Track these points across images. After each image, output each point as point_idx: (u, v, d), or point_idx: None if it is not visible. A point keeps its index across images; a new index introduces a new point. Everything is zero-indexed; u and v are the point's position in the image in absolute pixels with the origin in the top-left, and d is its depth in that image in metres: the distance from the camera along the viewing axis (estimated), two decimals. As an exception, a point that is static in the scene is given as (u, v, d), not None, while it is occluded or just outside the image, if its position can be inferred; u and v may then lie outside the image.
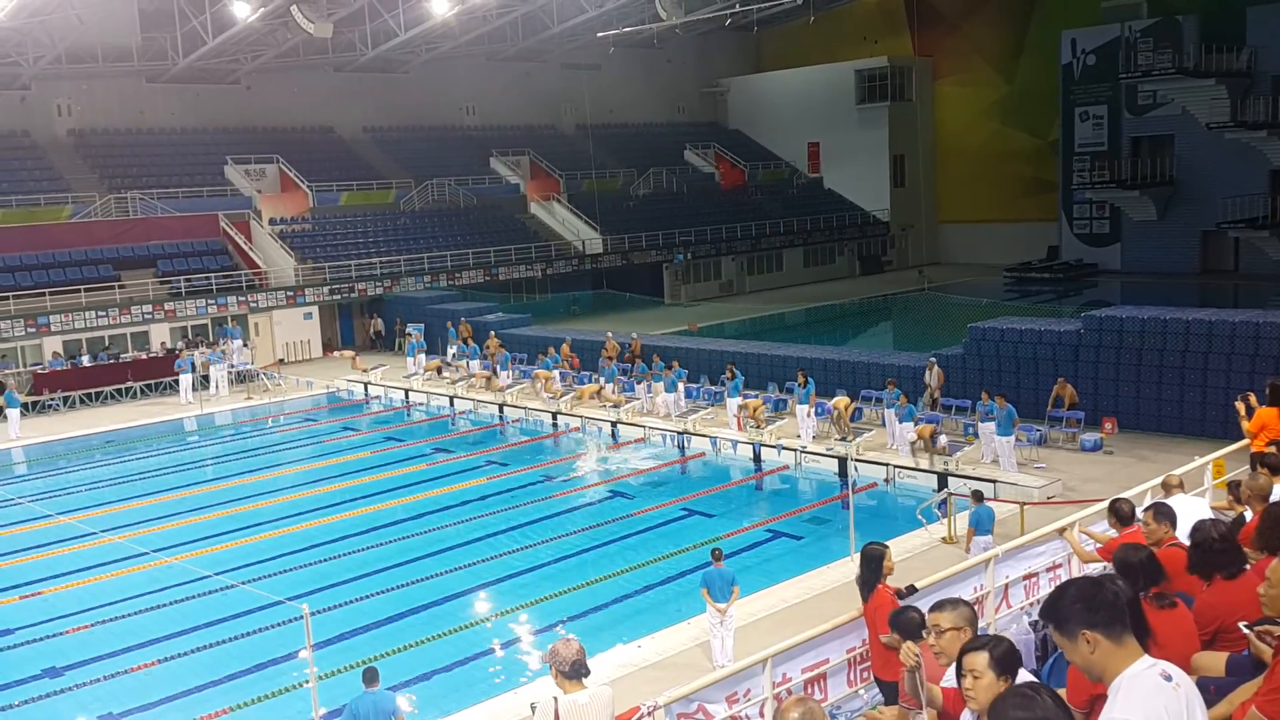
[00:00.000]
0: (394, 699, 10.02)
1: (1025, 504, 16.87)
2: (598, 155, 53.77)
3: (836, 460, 21.10)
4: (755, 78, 64.20)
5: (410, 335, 35.62)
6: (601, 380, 27.60)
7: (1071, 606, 3.65)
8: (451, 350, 33.60)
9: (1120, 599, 3.70)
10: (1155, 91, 48.07)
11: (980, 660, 4.18)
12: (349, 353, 35.07)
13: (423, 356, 32.90)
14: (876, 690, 8.09)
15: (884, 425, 22.18)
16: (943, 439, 20.08)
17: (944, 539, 16.39)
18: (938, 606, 5.67)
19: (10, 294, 33.87)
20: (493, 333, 33.15)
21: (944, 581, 8.84)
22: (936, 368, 23.84)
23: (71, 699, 13.14)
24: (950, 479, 18.96)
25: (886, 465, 20.50)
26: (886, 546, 8.12)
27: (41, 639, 14.98)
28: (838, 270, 56.35)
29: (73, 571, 17.51)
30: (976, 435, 20.26)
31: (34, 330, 33.44)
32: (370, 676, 9.91)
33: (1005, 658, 4.19)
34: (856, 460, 20.66)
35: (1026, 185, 55.56)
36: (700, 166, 59.94)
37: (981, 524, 14.83)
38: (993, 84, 57.28)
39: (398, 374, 32.94)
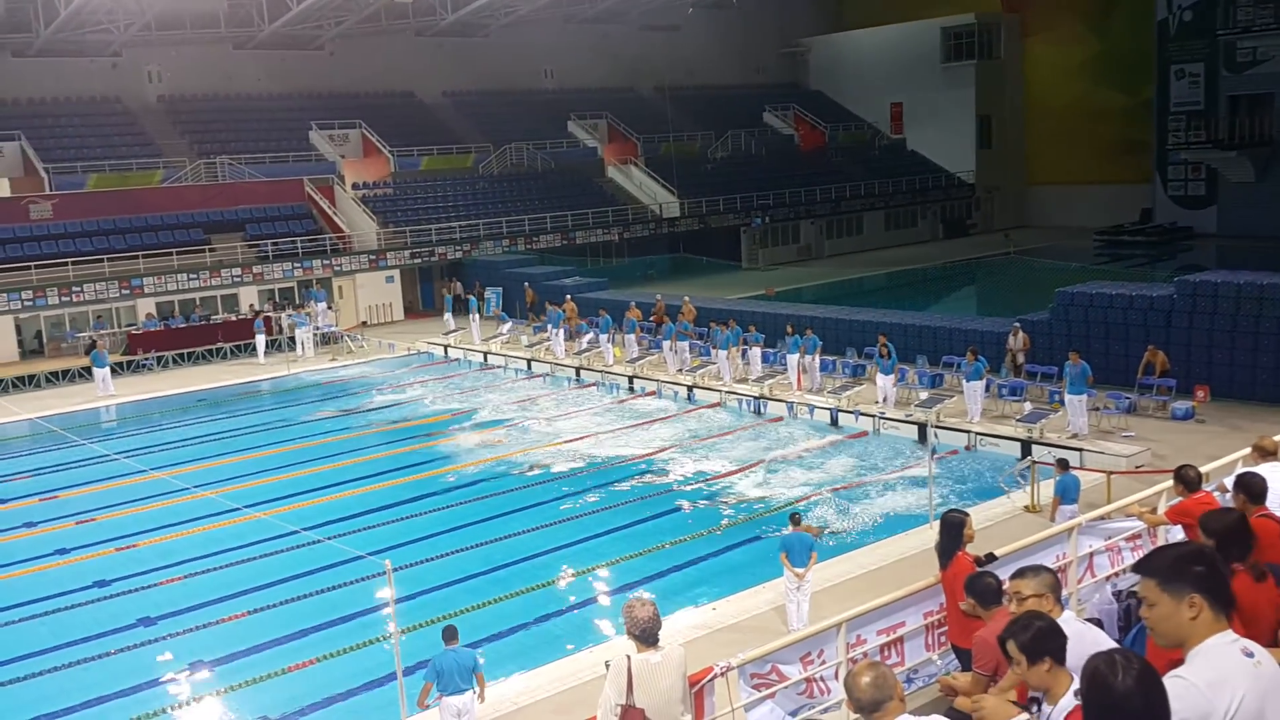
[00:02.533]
0: (474, 655, 10.21)
1: (1112, 473, 16.49)
2: (675, 118, 53.45)
3: (916, 426, 20.84)
4: (837, 37, 63.09)
5: (465, 296, 35.93)
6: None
7: (1189, 568, 3.59)
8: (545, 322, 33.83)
9: (1227, 572, 3.67)
10: (1255, 48, 46.17)
11: (1011, 647, 4.19)
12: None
13: (505, 327, 33.15)
14: (953, 657, 8.01)
15: (968, 381, 21.78)
16: (1027, 406, 19.72)
17: (1027, 507, 16.11)
18: (1019, 574, 5.60)
19: (105, 256, 34.91)
20: (569, 297, 33.28)
21: (1025, 550, 8.71)
22: (1021, 333, 23.36)
23: (165, 647, 13.62)
24: (1034, 447, 18.61)
25: (968, 432, 20.19)
26: (967, 514, 8.00)
27: (136, 590, 15.53)
28: (920, 234, 55.37)
29: (165, 525, 18.10)
30: (1062, 402, 19.83)
31: (128, 292, 34.48)
32: (450, 634, 10.10)
33: (1030, 643, 4.15)
34: (937, 426, 20.37)
35: (1118, 146, 53.91)
36: (779, 128, 59.22)
37: (1068, 492, 14.52)
38: (1084, 41, 55.51)
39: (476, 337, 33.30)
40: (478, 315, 33.95)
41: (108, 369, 29.10)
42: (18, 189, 37.41)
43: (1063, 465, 15.15)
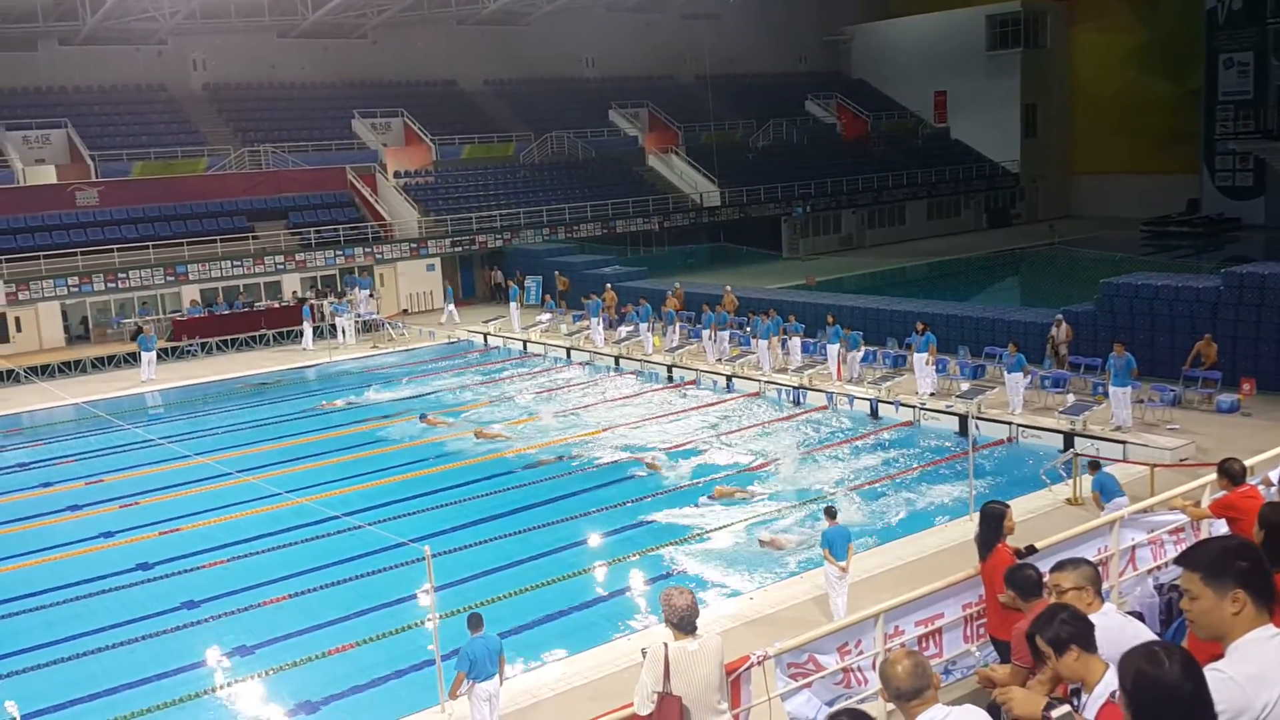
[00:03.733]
0: (499, 640, 10.29)
1: (1155, 466, 16.26)
2: (717, 107, 53.23)
3: (957, 418, 20.66)
4: (880, 25, 62.56)
5: (513, 283, 36.04)
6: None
7: (1233, 562, 3.54)
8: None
9: (1271, 567, 3.62)
10: (1308, 36, 45.25)
11: (1039, 642, 4.18)
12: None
13: (545, 316, 33.24)
14: (992, 649, 7.95)
15: (1010, 373, 21.54)
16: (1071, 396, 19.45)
17: (1069, 500, 15.93)
18: (1059, 566, 5.54)
19: (150, 244, 35.38)
20: (609, 286, 33.30)
21: (1066, 542, 8.62)
22: (1065, 324, 23.07)
23: (208, 630, 13.81)
24: (1077, 439, 18.39)
25: (1009, 424, 19.99)
26: (1007, 506, 7.93)
27: (180, 573, 15.75)
28: (963, 223, 54.85)
29: (209, 510, 18.34)
30: (1106, 394, 19.58)
31: (173, 279, 34.93)
32: (475, 622, 10.18)
33: (1055, 638, 4.12)
34: (978, 418, 20.17)
35: (1165, 136, 53.03)
36: (821, 117, 58.85)
37: (1106, 490, 14.33)
38: (1131, 29, 54.66)
39: (516, 325, 33.43)
40: (519, 305, 34.05)
41: (154, 352, 29.56)
42: (64, 176, 38.00)
43: (1094, 466, 14.93)
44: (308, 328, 33.23)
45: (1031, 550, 8.00)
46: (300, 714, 11.63)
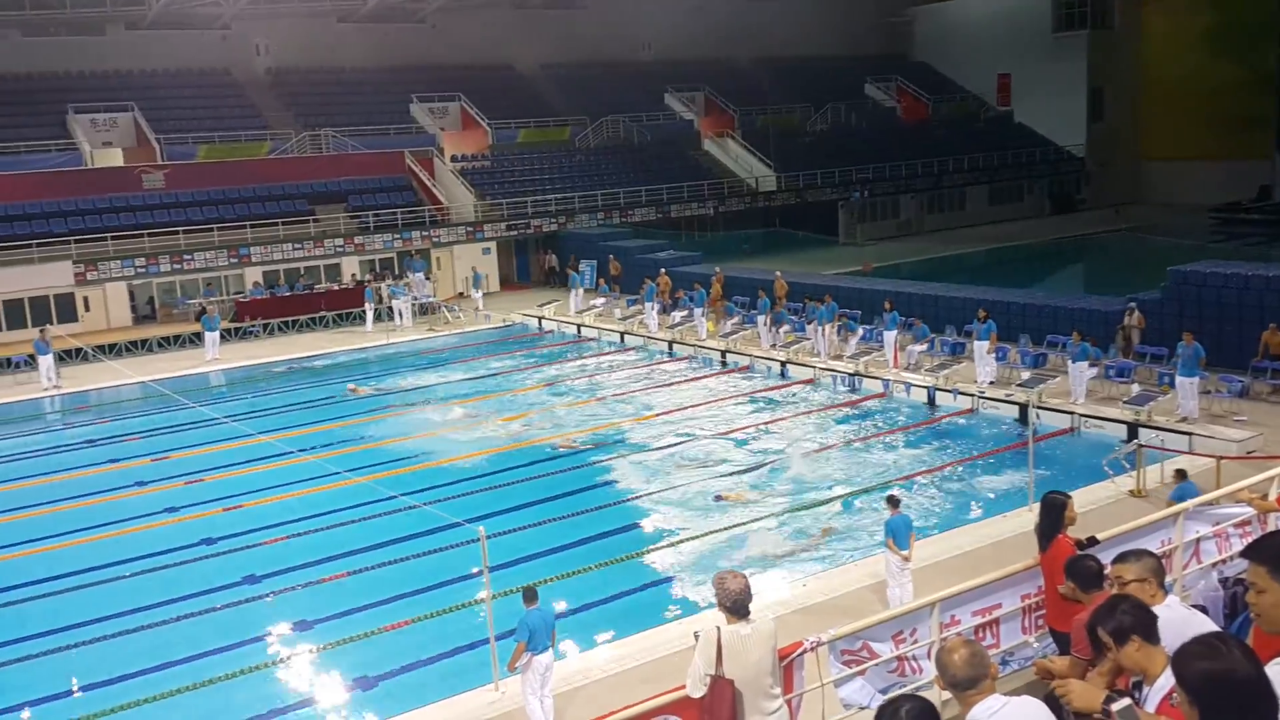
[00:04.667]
0: (553, 614, 10.41)
1: (1222, 458, 15.92)
2: (774, 90, 52.89)
3: (1017, 406, 20.37)
4: (943, 5, 61.65)
5: (576, 269, 36.15)
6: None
7: None
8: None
9: None
10: (1390, 16, 43.81)
11: (1100, 633, 4.15)
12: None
13: (600, 300, 33.33)
14: (1050, 640, 7.84)
15: (1074, 363, 21.19)
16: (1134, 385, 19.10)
17: (1132, 492, 15.65)
18: (1121, 558, 5.46)
19: (215, 225, 35.98)
20: (663, 270, 33.25)
21: (1128, 534, 8.47)
22: (1137, 312, 22.62)
23: (268, 605, 14.07)
24: (1141, 430, 18.06)
25: (1071, 414, 19.67)
26: (1069, 496, 7.80)
27: (242, 549, 16.06)
28: (1026, 209, 53.98)
29: (270, 487, 18.66)
30: (1172, 384, 19.19)
31: (236, 260, 35.52)
32: (530, 595, 10.29)
33: (1116, 630, 4.07)
34: (1039, 407, 19.88)
35: (1238, 120, 51.70)
36: (881, 100, 58.19)
37: (1187, 498, 13.91)
38: (1204, 11, 53.30)
39: (571, 308, 33.53)
40: (580, 290, 34.14)
41: (218, 333, 30.13)
42: (131, 159, 38.76)
43: (1180, 475, 14.38)
44: (369, 310, 33.65)
45: (1093, 542, 7.87)
46: (357, 689, 11.81)
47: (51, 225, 34.44)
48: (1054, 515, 7.73)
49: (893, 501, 12.71)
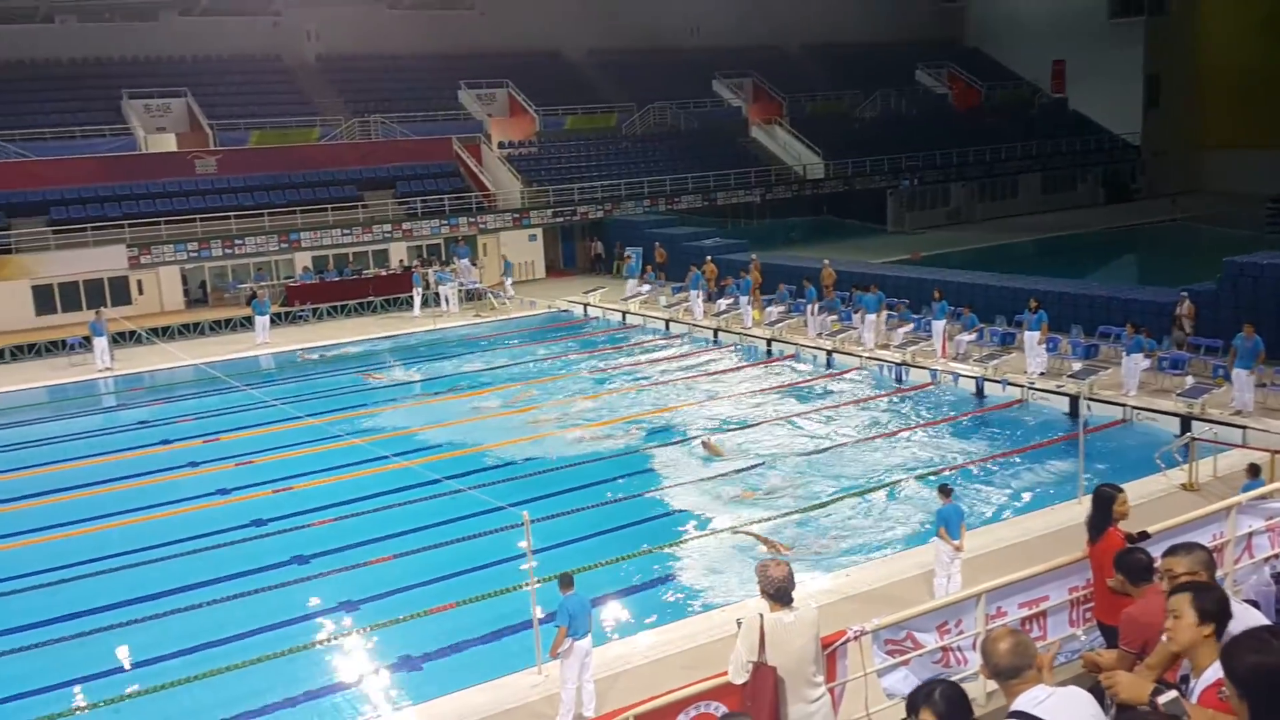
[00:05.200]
0: (589, 600, 10.45)
1: (1276, 452, 15.59)
2: (823, 76, 52.46)
3: (1068, 398, 20.10)
4: (997, -8, 60.82)
5: (628, 258, 36.14)
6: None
7: None
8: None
9: None
10: None
11: (1182, 601, 4.10)
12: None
13: (645, 287, 33.32)
14: (1098, 633, 7.74)
15: (1127, 355, 20.86)
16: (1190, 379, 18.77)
17: (1184, 485, 15.39)
18: (1171, 551, 5.38)
19: (265, 211, 36.39)
20: (709, 258, 33.15)
21: (1180, 527, 8.35)
22: (1188, 302, 22.22)
23: (315, 586, 14.25)
24: (1194, 423, 17.74)
25: (1123, 406, 19.38)
26: (1120, 489, 7.68)
27: (290, 530, 16.27)
28: (1080, 198, 53.15)
29: (319, 470, 18.89)
30: (1227, 377, 18.83)
31: (286, 245, 35.91)
32: (567, 581, 10.33)
33: (1211, 605, 4.03)
34: (1090, 399, 19.60)
35: (1297, 107, 50.52)
36: (932, 87, 57.54)
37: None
38: (1264, -4, 52.11)
39: (616, 296, 33.55)
40: (637, 280, 34.04)
41: (268, 317, 30.52)
42: (184, 144, 39.30)
43: (1253, 471, 14.08)
44: (417, 295, 33.92)
45: (1145, 536, 7.76)
46: (402, 670, 11.93)
47: (106, 209, 35.01)
48: (1104, 508, 7.62)
49: (944, 490, 12.58)
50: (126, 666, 12.31)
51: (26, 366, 29.11)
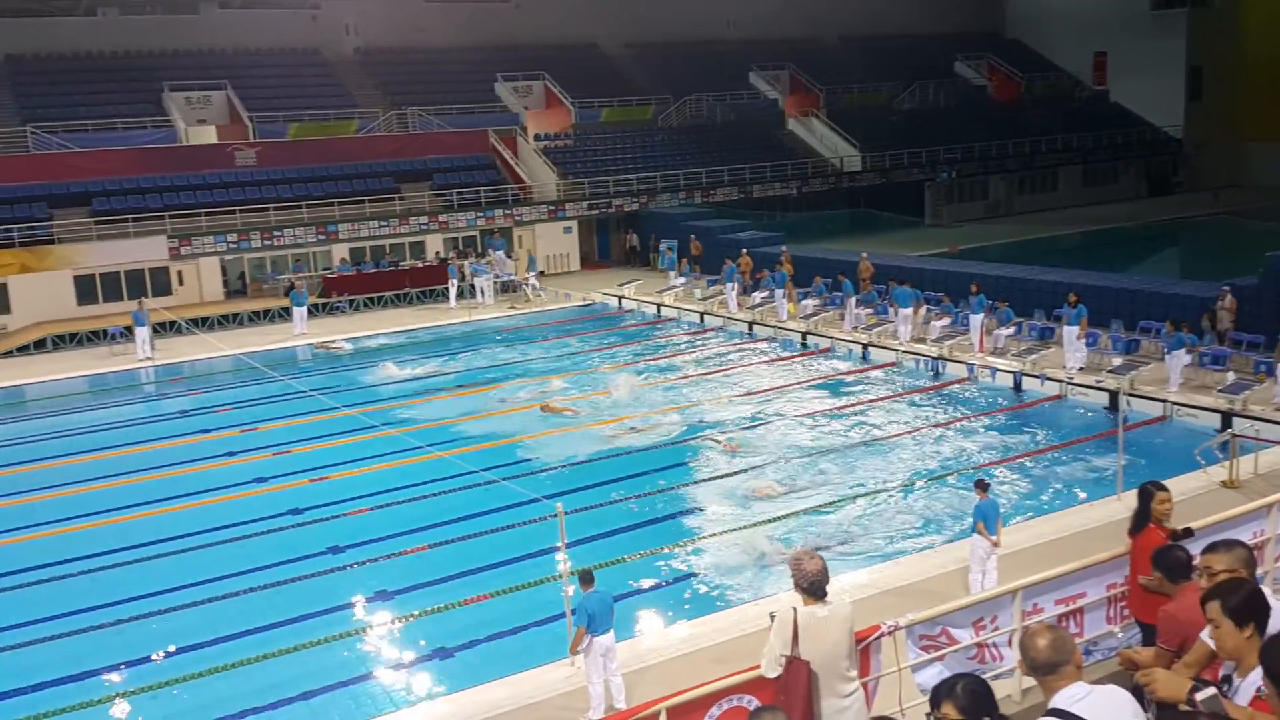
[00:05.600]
0: (611, 596, 10.47)
1: (1322, 450, 15.36)
2: (860, 68, 52.09)
3: (1107, 393, 19.87)
4: (1037, -17, 60.09)
5: (668, 251, 36.10)
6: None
7: None
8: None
9: None
10: None
11: (1214, 609, 4.07)
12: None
13: (680, 280, 33.29)
14: (1136, 631, 7.65)
15: (1163, 360, 20.61)
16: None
17: (1224, 483, 15.18)
18: (1211, 548, 5.31)
19: (304, 203, 36.67)
20: (744, 251, 33.05)
21: (1219, 525, 8.22)
22: (1230, 296, 21.89)
23: (351, 575, 14.37)
24: (1235, 419, 17.48)
25: (1163, 402, 19.13)
26: (1162, 488, 7.58)
27: (326, 519, 16.41)
28: (1121, 191, 52.50)
29: (355, 460, 19.02)
30: (1269, 373, 18.54)
31: (324, 237, 36.18)
32: (587, 578, 10.36)
33: (1240, 605, 3.96)
34: (1130, 395, 19.36)
35: (1346, 100, 49.58)
36: (971, 79, 56.98)
37: None
38: (1312, -15, 51.16)
39: (650, 288, 33.54)
40: (677, 273, 34.00)
41: (305, 308, 30.77)
42: (224, 136, 39.65)
43: None
44: (453, 287, 34.08)
45: (1189, 533, 7.65)
46: (435, 659, 12.01)
47: (147, 201, 35.42)
48: (1144, 504, 7.56)
49: (981, 486, 12.48)
50: (164, 653, 12.46)
51: (68, 356, 29.55)
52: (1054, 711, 3.92)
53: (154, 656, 12.37)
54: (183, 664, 12.08)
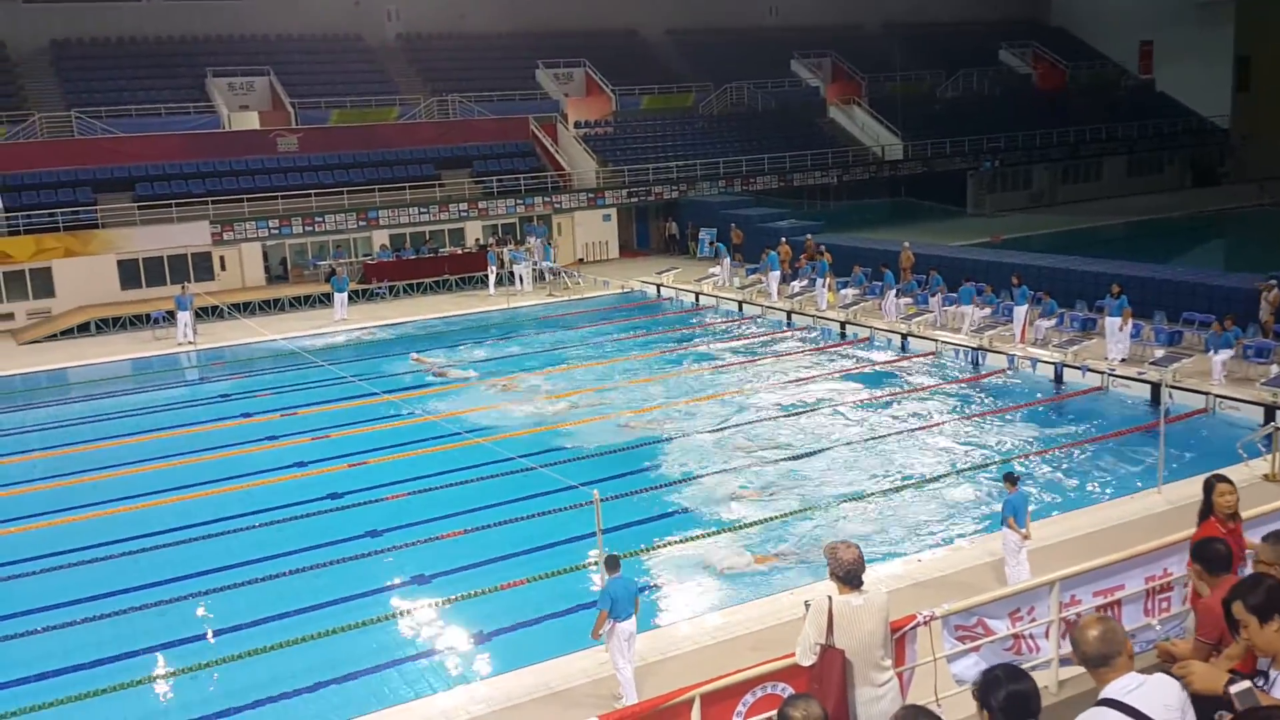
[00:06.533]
0: (635, 583, 10.47)
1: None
2: (903, 56, 51.60)
3: (1149, 385, 19.63)
4: (1083, -30, 59.24)
5: (709, 241, 36.01)
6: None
7: None
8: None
9: None
10: None
11: (1239, 609, 4.06)
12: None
13: (718, 268, 33.19)
14: (1174, 623, 7.57)
15: (1206, 352, 20.32)
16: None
17: (1266, 476, 14.97)
18: (1266, 537, 5.27)
19: (345, 189, 36.95)
20: (784, 239, 32.91)
21: (1261, 518, 8.12)
22: (1277, 289, 21.54)
23: (388, 559, 14.49)
24: (1278, 413, 17.21)
25: (1206, 394, 18.87)
26: (1224, 479, 7.48)
27: (365, 504, 16.56)
28: (1165, 181, 51.74)
29: (393, 445, 19.19)
30: (1316, 367, 18.24)
31: (364, 224, 36.45)
32: (613, 563, 10.36)
33: (1260, 601, 3.97)
34: (1172, 387, 19.12)
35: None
36: (1015, 67, 56.33)
37: None
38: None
39: (689, 277, 33.50)
40: (726, 260, 33.81)
41: (346, 294, 31.03)
42: (266, 122, 40.01)
43: None
44: (492, 274, 34.22)
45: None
46: (471, 644, 12.10)
47: (190, 186, 35.84)
48: (1206, 496, 7.50)
49: (1010, 479, 12.41)
50: (204, 635, 12.64)
51: (112, 339, 30.00)
52: (1106, 701, 3.91)
53: (194, 637, 12.55)
54: (223, 646, 12.24)
